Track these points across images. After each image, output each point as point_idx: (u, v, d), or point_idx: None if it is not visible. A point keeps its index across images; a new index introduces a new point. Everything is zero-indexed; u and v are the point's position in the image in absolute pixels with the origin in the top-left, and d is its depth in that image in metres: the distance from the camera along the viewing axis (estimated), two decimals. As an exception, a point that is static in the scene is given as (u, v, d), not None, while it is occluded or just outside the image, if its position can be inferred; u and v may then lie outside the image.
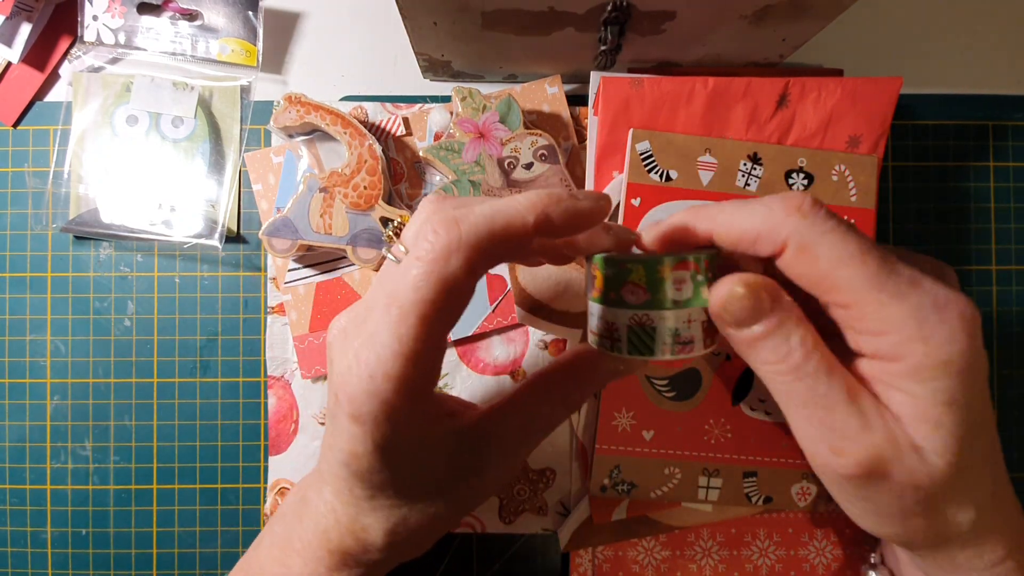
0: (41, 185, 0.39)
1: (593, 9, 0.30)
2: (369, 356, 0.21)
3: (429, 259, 0.21)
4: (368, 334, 0.22)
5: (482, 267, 0.22)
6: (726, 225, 0.24)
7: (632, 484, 0.35)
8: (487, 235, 0.21)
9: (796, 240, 0.22)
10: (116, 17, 0.37)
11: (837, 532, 0.37)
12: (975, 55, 0.40)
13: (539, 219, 0.22)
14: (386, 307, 0.21)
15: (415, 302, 0.21)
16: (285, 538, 0.27)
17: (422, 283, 0.21)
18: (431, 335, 0.21)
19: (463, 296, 0.22)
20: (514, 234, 0.22)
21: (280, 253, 0.36)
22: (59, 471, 0.38)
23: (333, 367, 0.23)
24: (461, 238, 0.21)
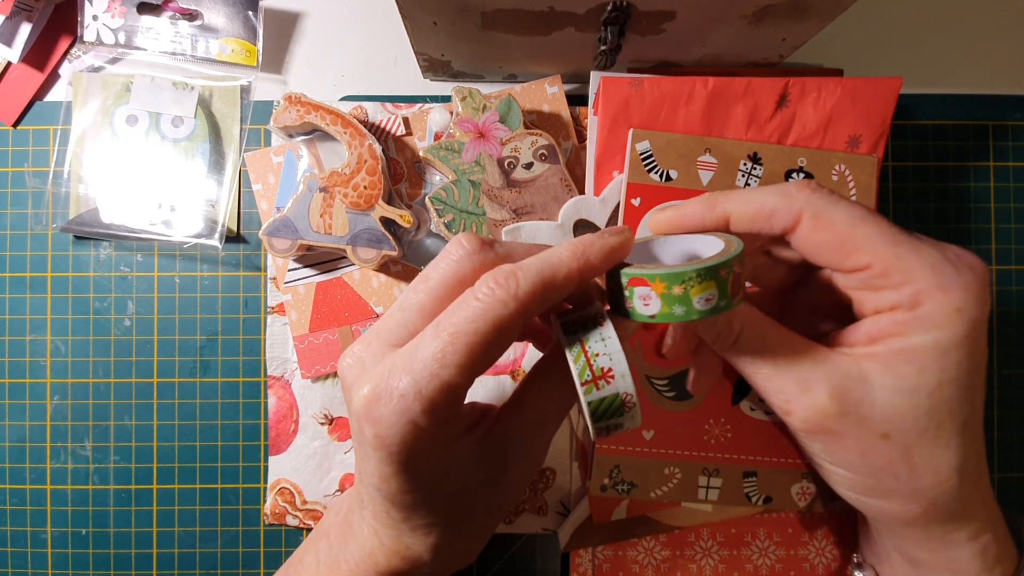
0: (41, 185, 0.39)
1: (593, 9, 0.30)
2: (401, 378, 0.22)
3: (491, 300, 0.22)
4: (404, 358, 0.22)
5: (531, 313, 0.23)
6: (742, 204, 0.25)
7: (632, 484, 0.35)
8: (540, 287, 0.22)
9: (811, 210, 0.24)
10: (116, 17, 0.37)
11: (837, 532, 0.37)
12: (975, 55, 0.40)
13: (581, 266, 0.23)
14: (436, 330, 0.22)
15: (469, 331, 0.21)
16: (332, 559, 0.28)
17: (480, 318, 0.22)
18: (473, 368, 0.22)
19: (508, 342, 0.23)
20: (561, 284, 0.23)
21: (280, 253, 0.36)
22: (59, 471, 0.38)
23: (352, 395, 0.23)
24: (519, 287, 0.22)
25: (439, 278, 0.24)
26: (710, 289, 0.22)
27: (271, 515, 0.37)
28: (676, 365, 0.35)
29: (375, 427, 0.22)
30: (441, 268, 0.24)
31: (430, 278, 0.24)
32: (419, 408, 0.22)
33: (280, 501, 0.37)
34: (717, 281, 0.22)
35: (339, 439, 0.38)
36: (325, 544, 0.29)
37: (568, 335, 0.23)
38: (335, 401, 0.38)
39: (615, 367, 0.22)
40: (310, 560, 0.29)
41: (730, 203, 0.26)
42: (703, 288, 0.22)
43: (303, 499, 0.37)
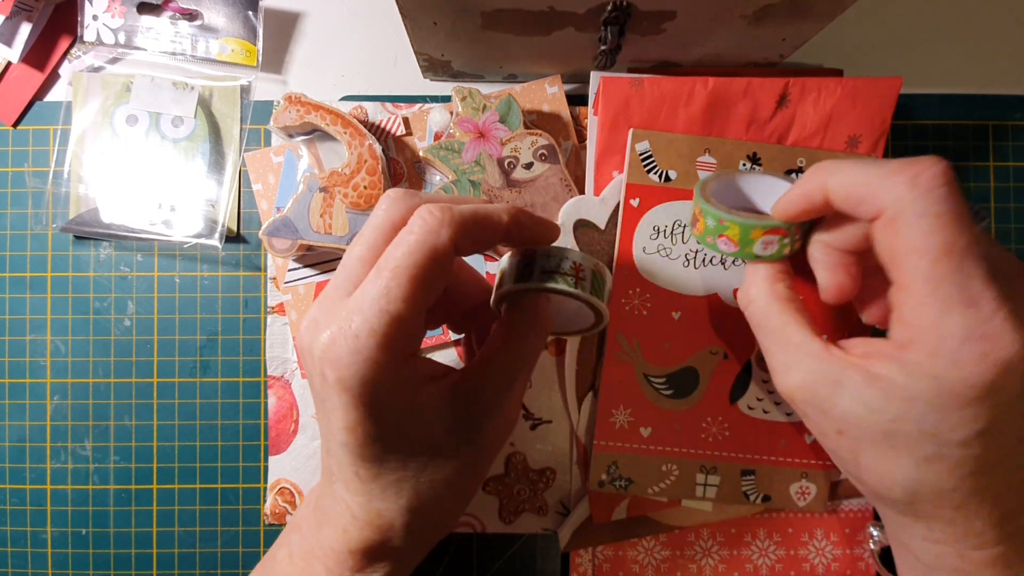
0: (41, 185, 0.39)
1: (593, 9, 0.30)
2: (354, 318, 0.23)
3: (424, 230, 0.23)
4: (353, 301, 0.23)
5: (464, 246, 0.24)
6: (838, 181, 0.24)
7: (630, 480, 0.35)
8: (471, 219, 0.24)
9: (890, 212, 0.22)
10: (116, 17, 0.38)
11: (837, 532, 0.37)
12: (975, 55, 0.40)
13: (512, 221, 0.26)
14: (377, 271, 0.23)
15: (408, 265, 0.23)
16: (306, 548, 0.27)
17: (416, 250, 0.23)
18: (416, 298, 0.23)
19: (446, 269, 0.24)
20: (493, 228, 0.25)
21: (280, 253, 0.36)
22: (59, 471, 0.38)
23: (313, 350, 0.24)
24: (452, 217, 0.24)
25: (372, 227, 0.25)
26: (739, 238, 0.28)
27: (271, 515, 0.37)
28: (674, 364, 0.35)
29: (336, 370, 0.23)
30: (373, 221, 0.25)
31: (364, 231, 0.25)
32: (373, 343, 0.22)
33: (280, 501, 0.37)
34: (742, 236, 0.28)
35: (339, 439, 0.38)
36: (298, 536, 0.28)
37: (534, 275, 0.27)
38: (335, 401, 0.38)
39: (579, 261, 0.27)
40: (283, 555, 0.28)
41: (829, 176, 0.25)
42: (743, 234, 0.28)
43: (303, 499, 0.37)
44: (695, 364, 0.35)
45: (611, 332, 0.35)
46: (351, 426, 0.24)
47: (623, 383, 0.35)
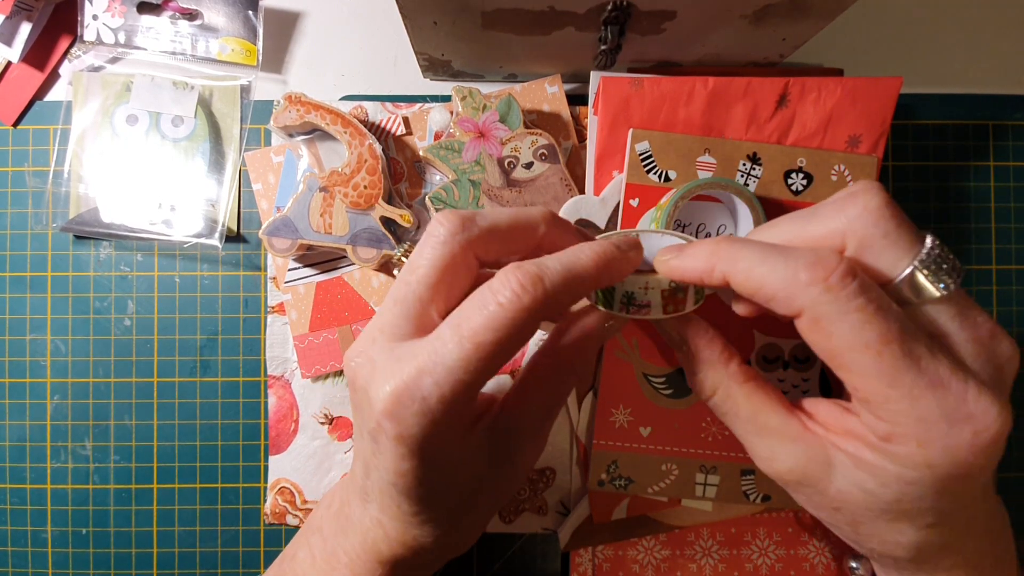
0: (41, 185, 0.39)
1: (593, 9, 0.30)
2: (424, 381, 0.22)
3: (513, 308, 0.22)
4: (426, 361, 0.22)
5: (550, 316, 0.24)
6: (744, 275, 0.23)
7: (629, 479, 0.35)
8: (563, 291, 0.23)
9: (811, 312, 0.21)
10: (116, 16, 0.37)
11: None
12: (975, 55, 0.40)
13: (601, 276, 0.24)
14: (458, 339, 0.22)
15: (492, 342, 0.22)
16: (329, 551, 0.28)
17: (502, 327, 0.22)
18: (493, 371, 0.23)
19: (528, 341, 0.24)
20: (584, 289, 0.24)
21: (280, 252, 0.36)
22: (59, 471, 0.38)
23: (371, 396, 0.23)
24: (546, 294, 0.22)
25: (428, 264, 0.24)
26: None
27: (271, 515, 0.37)
28: (673, 363, 0.35)
29: (398, 427, 0.22)
30: (427, 255, 0.24)
31: (419, 267, 0.24)
32: (442, 410, 0.22)
33: (280, 501, 0.37)
34: None
35: (339, 439, 0.38)
36: (319, 538, 0.29)
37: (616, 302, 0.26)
38: (335, 401, 0.38)
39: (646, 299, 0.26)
40: (303, 555, 0.29)
41: (731, 267, 0.23)
42: None
43: (303, 499, 0.37)
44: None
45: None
46: (403, 472, 0.24)
47: (623, 383, 0.35)
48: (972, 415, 0.21)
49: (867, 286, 0.21)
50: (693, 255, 0.24)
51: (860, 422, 0.22)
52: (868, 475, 0.22)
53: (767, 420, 0.25)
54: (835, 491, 0.23)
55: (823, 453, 0.23)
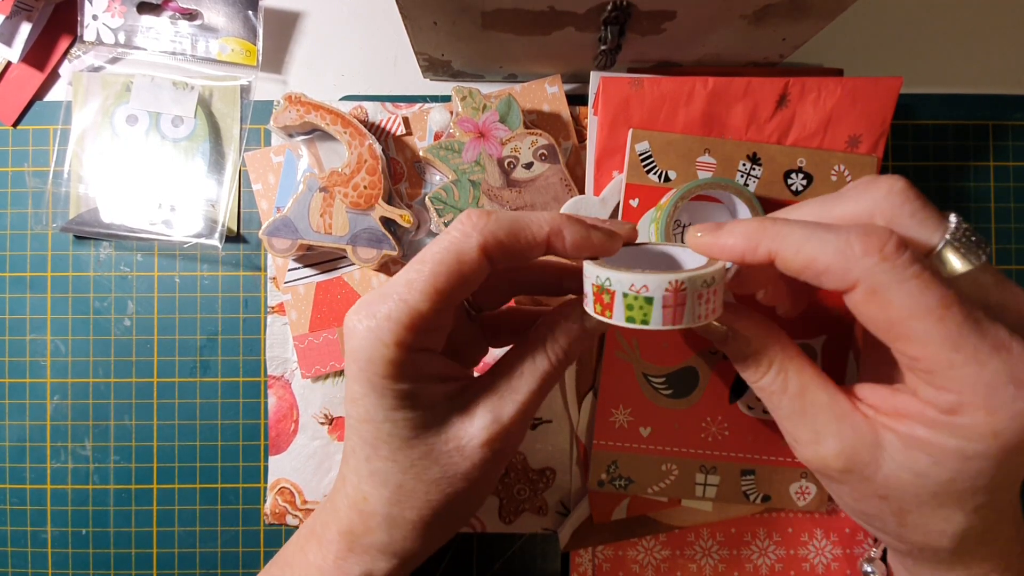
0: (41, 185, 0.39)
1: (593, 9, 0.30)
2: (377, 302, 0.24)
3: (456, 235, 0.24)
4: (383, 287, 0.25)
5: (495, 256, 0.24)
6: (793, 250, 0.22)
7: (629, 479, 0.35)
8: (506, 230, 0.24)
9: (869, 283, 0.21)
10: (116, 17, 0.37)
11: (837, 532, 0.37)
12: (975, 55, 0.40)
13: (552, 235, 0.25)
14: (408, 265, 0.25)
15: (435, 262, 0.24)
16: (311, 525, 0.28)
17: (444, 251, 0.24)
18: (436, 295, 0.24)
19: (473, 273, 0.24)
20: (528, 238, 0.24)
21: (280, 253, 0.36)
22: (59, 471, 0.38)
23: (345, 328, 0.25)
24: (487, 224, 0.24)
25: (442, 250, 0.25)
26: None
27: (271, 515, 0.37)
28: (673, 363, 0.35)
29: (350, 341, 0.24)
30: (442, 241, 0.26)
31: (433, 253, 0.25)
32: (387, 327, 0.23)
33: (280, 501, 0.37)
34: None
35: (339, 439, 0.38)
36: (311, 518, 0.29)
37: None
38: (335, 401, 0.38)
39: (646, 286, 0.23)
40: (294, 536, 0.29)
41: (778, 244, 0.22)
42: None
43: (303, 499, 0.37)
44: (694, 364, 0.35)
45: (610, 331, 0.35)
46: (354, 397, 0.25)
47: (622, 383, 0.35)
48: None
49: (919, 255, 0.21)
50: (733, 232, 0.24)
51: (914, 399, 0.22)
52: (922, 454, 0.22)
53: (815, 396, 0.24)
54: (883, 477, 0.23)
55: (872, 434, 0.23)
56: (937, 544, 0.23)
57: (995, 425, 0.20)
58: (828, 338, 0.35)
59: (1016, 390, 0.20)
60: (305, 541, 0.28)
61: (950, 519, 0.22)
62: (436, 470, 0.25)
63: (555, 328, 0.27)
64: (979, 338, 0.20)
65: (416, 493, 0.25)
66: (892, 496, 0.23)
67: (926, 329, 0.20)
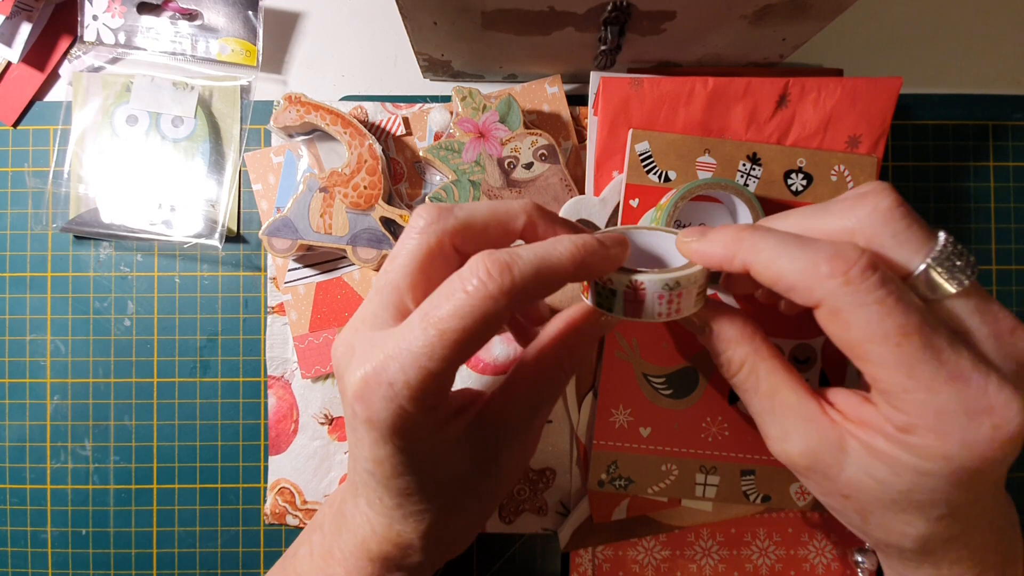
0: (41, 185, 0.39)
1: (593, 9, 0.30)
2: (390, 366, 0.22)
3: (481, 296, 0.22)
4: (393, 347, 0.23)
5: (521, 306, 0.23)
6: (763, 264, 0.23)
7: (629, 480, 0.35)
8: (534, 283, 0.23)
9: (831, 304, 0.21)
10: (116, 17, 0.37)
11: (837, 532, 0.37)
12: (975, 55, 0.40)
13: (578, 269, 0.24)
14: (423, 326, 0.22)
15: (457, 328, 0.22)
16: (325, 549, 0.28)
17: (468, 314, 0.22)
18: (459, 360, 0.23)
19: (496, 332, 0.24)
20: (555, 284, 0.23)
21: (280, 253, 0.36)
22: (59, 471, 0.38)
23: (345, 381, 0.24)
24: (513, 283, 0.22)
25: (406, 255, 0.25)
26: None
27: (271, 515, 0.37)
28: (673, 364, 0.35)
29: (367, 411, 0.23)
30: (407, 246, 0.25)
31: (397, 256, 0.25)
32: (406, 395, 0.22)
33: (280, 501, 0.37)
34: None
35: (339, 439, 0.38)
36: (319, 535, 0.29)
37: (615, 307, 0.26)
38: (335, 401, 0.38)
39: None
40: (304, 552, 0.29)
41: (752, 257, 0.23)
42: None
43: (303, 499, 0.37)
44: (694, 364, 0.35)
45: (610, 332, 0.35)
46: (379, 460, 0.24)
47: (623, 383, 0.35)
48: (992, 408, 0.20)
49: (888, 279, 0.21)
50: (715, 240, 0.24)
51: (877, 412, 0.22)
52: (881, 464, 0.22)
53: (785, 398, 0.25)
54: (845, 478, 0.23)
55: (837, 438, 0.23)
56: (901, 544, 0.24)
57: (946, 450, 0.21)
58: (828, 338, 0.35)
59: (967, 420, 0.20)
60: (323, 563, 0.28)
61: (911, 523, 0.23)
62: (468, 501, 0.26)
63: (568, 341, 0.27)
64: (935, 366, 0.21)
65: (450, 524, 0.27)
66: (854, 496, 0.24)
67: (882, 354, 0.21)
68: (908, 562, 0.25)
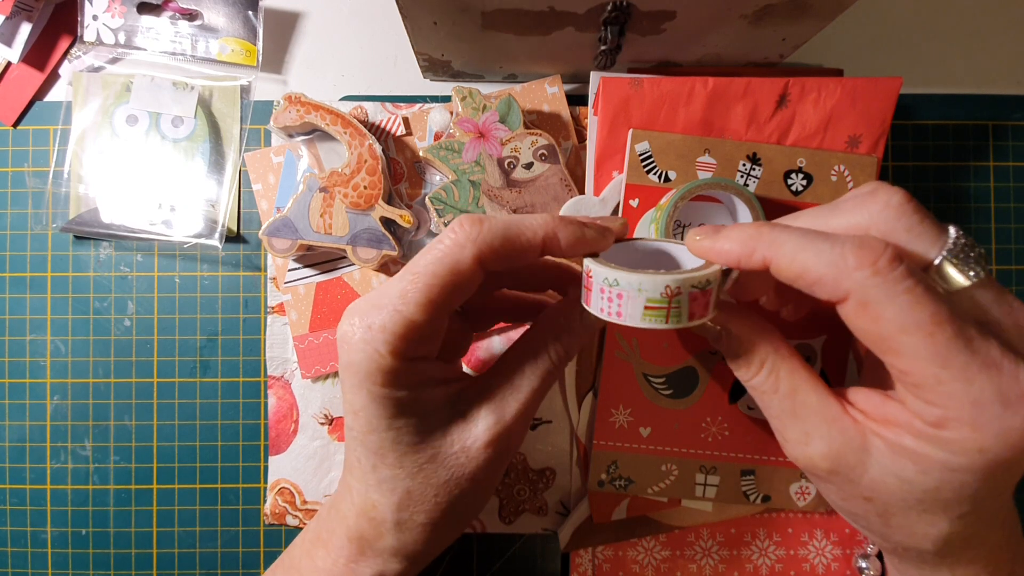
0: (41, 185, 0.39)
1: (593, 9, 0.30)
2: (371, 312, 0.24)
3: (449, 244, 0.24)
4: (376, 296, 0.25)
5: (490, 263, 0.24)
6: (788, 258, 0.22)
7: (629, 480, 0.35)
8: (501, 237, 0.24)
9: (860, 296, 0.21)
10: (116, 17, 0.37)
11: (837, 532, 0.37)
12: (975, 55, 0.40)
13: (547, 238, 0.25)
14: (400, 274, 0.25)
15: (428, 274, 0.24)
16: (316, 531, 0.29)
17: (438, 261, 0.24)
18: (431, 306, 0.24)
19: (467, 283, 0.25)
20: (523, 244, 0.25)
21: (280, 253, 0.36)
22: (59, 471, 0.38)
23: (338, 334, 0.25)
24: (480, 234, 0.24)
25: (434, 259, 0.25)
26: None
27: (271, 515, 0.37)
28: (673, 364, 0.35)
29: (347, 354, 0.24)
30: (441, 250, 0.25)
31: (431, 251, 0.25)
32: (382, 339, 0.24)
33: (280, 501, 0.37)
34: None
35: (339, 439, 0.38)
36: (315, 522, 0.29)
37: None
38: (335, 401, 0.38)
39: None
40: (299, 539, 0.30)
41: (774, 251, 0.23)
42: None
43: (303, 499, 0.37)
44: (694, 364, 0.35)
45: (610, 331, 0.35)
46: (355, 410, 0.25)
47: (622, 383, 0.35)
48: None
49: (914, 270, 0.21)
50: (731, 237, 0.24)
51: (904, 409, 0.22)
52: (908, 462, 0.22)
53: (806, 398, 0.24)
54: (869, 480, 0.23)
55: (859, 438, 0.23)
56: (921, 546, 0.23)
57: (981, 442, 0.20)
58: (828, 338, 0.35)
59: (1003, 409, 0.20)
60: (311, 547, 0.28)
61: (934, 524, 0.23)
62: (443, 473, 0.26)
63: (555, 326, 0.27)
64: (969, 355, 0.20)
65: (424, 497, 0.26)
66: (877, 499, 0.23)
67: (915, 344, 0.21)
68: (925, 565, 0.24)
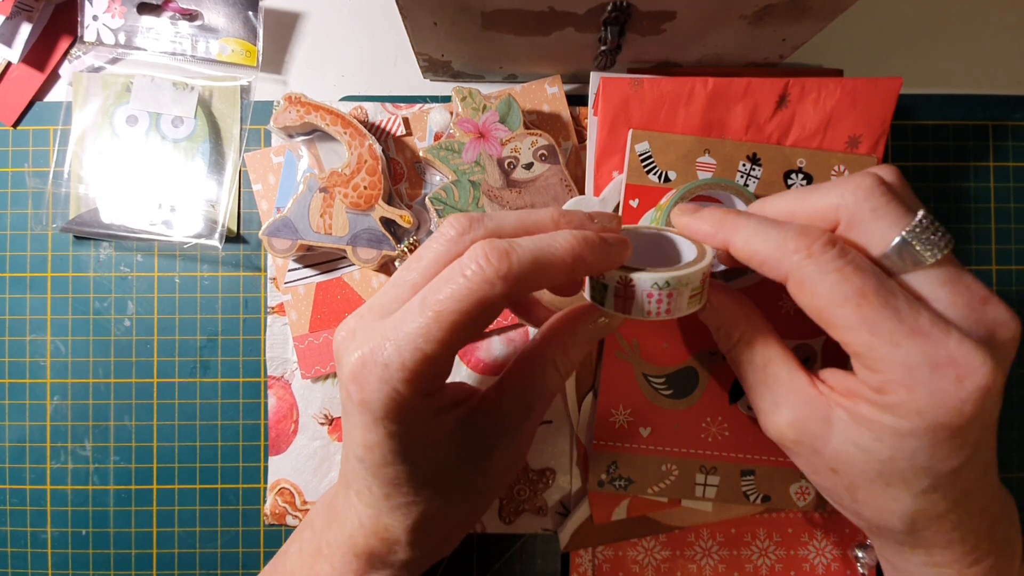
0: (41, 185, 0.39)
1: (593, 9, 0.30)
2: (386, 347, 0.23)
3: (478, 280, 0.22)
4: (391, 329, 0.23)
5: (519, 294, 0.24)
6: (741, 242, 0.25)
7: (629, 480, 0.35)
8: (531, 272, 0.23)
9: (797, 276, 0.24)
10: (116, 17, 0.38)
11: (837, 532, 0.37)
12: (975, 55, 0.40)
13: (575, 262, 0.24)
14: (421, 308, 0.23)
15: (453, 311, 0.22)
16: (314, 545, 0.28)
17: (465, 297, 0.22)
18: (455, 344, 0.23)
19: (493, 318, 0.24)
20: (552, 275, 0.24)
21: (280, 253, 0.36)
22: (59, 471, 0.38)
23: (343, 364, 0.24)
24: (510, 270, 0.23)
25: (431, 258, 0.25)
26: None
27: (271, 515, 0.37)
28: (673, 364, 0.35)
29: (361, 392, 0.23)
30: (434, 248, 0.25)
31: (423, 257, 0.25)
32: (401, 377, 0.22)
33: (280, 501, 0.37)
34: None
35: (339, 439, 0.38)
36: (310, 532, 0.29)
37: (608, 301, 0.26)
38: (335, 401, 0.38)
39: None
40: (294, 550, 0.29)
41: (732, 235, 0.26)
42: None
43: (303, 499, 0.37)
44: (694, 364, 0.35)
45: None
46: (369, 445, 0.24)
47: (622, 383, 0.35)
48: (954, 360, 0.22)
49: (846, 251, 0.23)
50: (704, 219, 0.27)
51: (856, 380, 0.24)
52: (865, 430, 0.23)
53: (776, 370, 0.27)
54: (832, 450, 0.25)
55: (823, 409, 0.25)
56: (890, 524, 0.25)
57: (917, 403, 0.22)
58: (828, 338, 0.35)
59: (931, 371, 0.22)
60: (312, 559, 0.28)
61: (898, 499, 0.24)
62: (457, 495, 0.26)
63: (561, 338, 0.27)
64: (895, 323, 0.22)
65: (439, 518, 0.26)
66: (842, 470, 0.25)
67: (846, 315, 0.23)
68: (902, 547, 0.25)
